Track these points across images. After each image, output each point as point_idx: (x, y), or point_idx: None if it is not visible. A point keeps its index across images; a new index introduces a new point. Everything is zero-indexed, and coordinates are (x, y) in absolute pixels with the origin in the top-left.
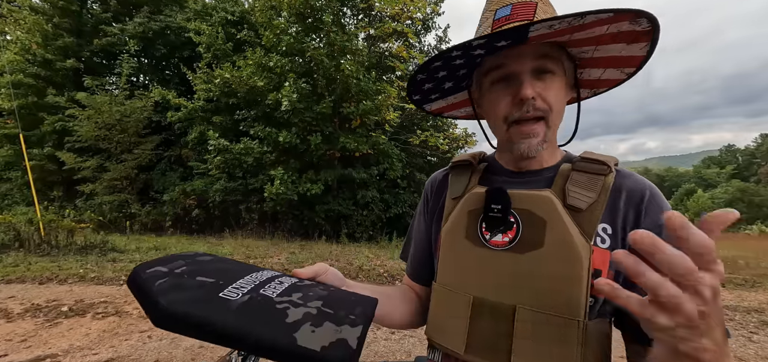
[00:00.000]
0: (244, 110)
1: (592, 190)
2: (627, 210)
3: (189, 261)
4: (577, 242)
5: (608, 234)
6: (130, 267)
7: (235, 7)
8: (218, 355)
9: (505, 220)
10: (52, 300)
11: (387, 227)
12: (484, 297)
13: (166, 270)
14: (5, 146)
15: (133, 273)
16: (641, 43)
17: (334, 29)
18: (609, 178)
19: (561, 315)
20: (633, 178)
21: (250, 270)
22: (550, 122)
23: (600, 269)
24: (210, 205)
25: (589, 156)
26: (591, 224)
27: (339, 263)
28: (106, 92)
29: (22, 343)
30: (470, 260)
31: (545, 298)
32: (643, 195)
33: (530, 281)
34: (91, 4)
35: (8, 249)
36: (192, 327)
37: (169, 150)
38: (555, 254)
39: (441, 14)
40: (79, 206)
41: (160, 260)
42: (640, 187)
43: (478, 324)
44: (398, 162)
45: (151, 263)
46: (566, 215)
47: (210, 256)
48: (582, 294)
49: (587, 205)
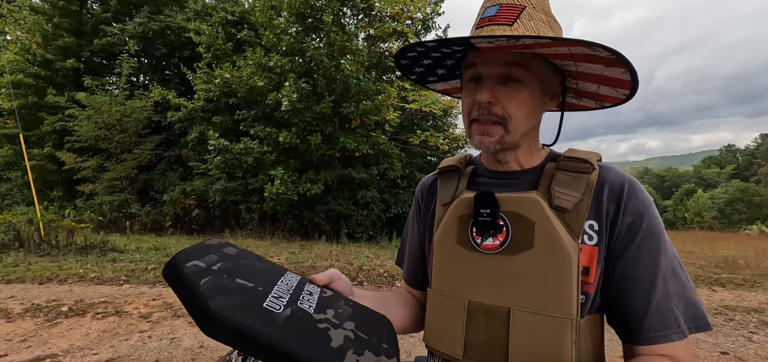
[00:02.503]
0: (244, 110)
1: (577, 189)
2: (609, 204)
3: (220, 255)
4: (566, 242)
5: (595, 230)
6: (130, 267)
7: (235, 7)
8: (218, 355)
9: (494, 224)
10: (52, 300)
11: (387, 227)
12: (479, 301)
13: (204, 266)
14: (5, 146)
15: (174, 265)
16: (620, 68)
17: (334, 29)
18: (592, 176)
19: (554, 314)
20: (613, 172)
21: (277, 272)
22: (510, 128)
23: (588, 266)
24: (210, 205)
25: (572, 155)
26: (578, 222)
27: (339, 263)
28: (106, 91)
29: (22, 343)
30: (463, 265)
31: (538, 298)
32: (623, 188)
33: (522, 282)
34: (91, 4)
35: (8, 249)
36: (240, 337)
37: (169, 150)
38: (545, 254)
39: (441, 14)
40: (79, 206)
41: (194, 251)
42: (620, 180)
43: (475, 328)
44: (398, 162)
45: (187, 254)
46: (553, 215)
47: (233, 247)
48: (573, 292)
49: (572, 204)
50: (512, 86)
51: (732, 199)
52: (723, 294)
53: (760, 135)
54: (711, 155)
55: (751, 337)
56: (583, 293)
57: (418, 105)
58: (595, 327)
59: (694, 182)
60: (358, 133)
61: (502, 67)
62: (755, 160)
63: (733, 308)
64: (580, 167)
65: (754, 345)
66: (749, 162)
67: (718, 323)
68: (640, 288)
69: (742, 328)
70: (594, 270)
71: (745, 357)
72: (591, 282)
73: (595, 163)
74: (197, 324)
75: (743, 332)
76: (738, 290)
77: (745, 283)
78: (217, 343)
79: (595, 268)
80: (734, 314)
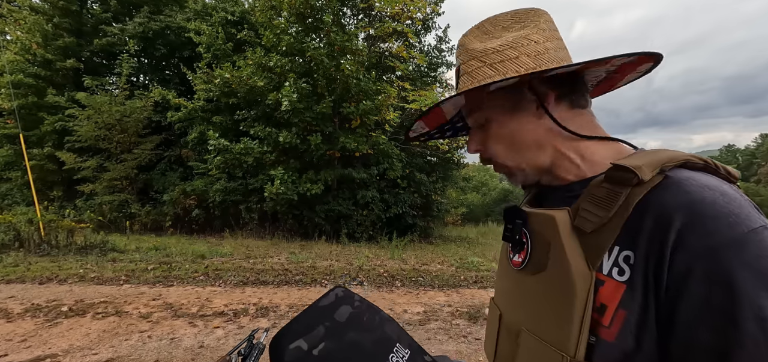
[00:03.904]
0: (244, 110)
1: (606, 208)
2: (652, 236)
3: (328, 326)
4: (575, 270)
5: (629, 264)
6: (130, 267)
7: (235, 7)
8: (218, 355)
9: (516, 239)
10: (52, 300)
11: (387, 227)
12: (505, 315)
13: (306, 348)
14: (5, 146)
15: (277, 343)
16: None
17: (334, 29)
18: (636, 190)
19: (552, 346)
20: (673, 190)
21: (387, 348)
22: (502, 166)
23: (606, 304)
24: (210, 205)
25: (621, 162)
26: (598, 249)
27: (339, 263)
28: (106, 91)
29: (22, 343)
30: (501, 278)
31: (542, 324)
32: (673, 217)
33: (533, 304)
34: (91, 4)
35: (8, 249)
36: None
37: (169, 150)
38: (554, 279)
39: (441, 14)
40: (79, 206)
41: (301, 323)
42: (675, 203)
43: (501, 339)
44: (398, 162)
45: (292, 332)
46: (571, 237)
47: (347, 305)
48: (574, 327)
49: (593, 227)
50: (489, 127)
51: None
52: None
53: (760, 135)
54: (711, 155)
55: None
56: (594, 334)
57: (418, 105)
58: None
59: None
60: (358, 133)
61: (471, 116)
62: (755, 160)
63: None
64: (623, 179)
65: None
66: (749, 162)
67: None
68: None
69: None
70: (612, 311)
71: None
72: (606, 324)
73: (651, 172)
74: None
75: None
76: None
77: None
78: (217, 343)
79: (615, 310)
80: None
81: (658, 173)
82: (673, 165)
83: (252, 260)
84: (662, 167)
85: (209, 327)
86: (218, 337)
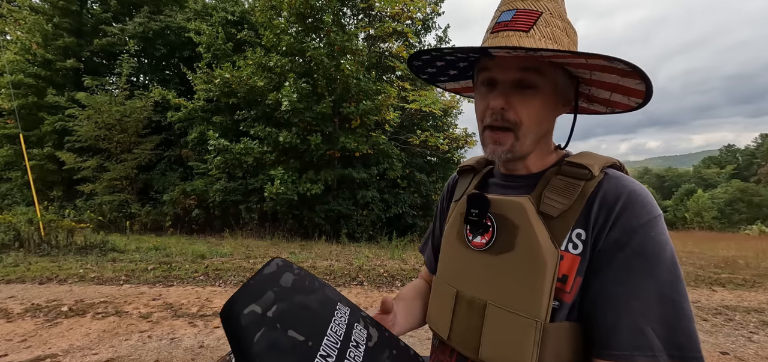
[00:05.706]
0: (244, 110)
1: (568, 196)
2: (599, 215)
3: (277, 291)
4: (544, 248)
5: (581, 240)
6: (130, 267)
7: (235, 7)
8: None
9: (482, 223)
10: (52, 299)
11: (387, 227)
12: (464, 292)
13: (260, 312)
14: (5, 146)
15: (230, 310)
16: (635, 79)
17: (334, 29)
18: (590, 183)
19: (522, 314)
20: (615, 181)
21: (329, 309)
22: (520, 135)
23: (567, 274)
24: (210, 205)
25: (576, 160)
26: (562, 230)
27: (339, 263)
28: (106, 91)
29: (22, 343)
30: (457, 259)
31: (511, 297)
32: (617, 200)
33: (500, 280)
34: (91, 4)
35: (8, 249)
36: None
37: (169, 150)
38: (523, 258)
39: (441, 14)
40: (79, 206)
41: (253, 289)
42: (617, 191)
43: (458, 314)
44: (398, 162)
45: (245, 296)
46: (538, 221)
47: (290, 273)
48: (544, 296)
49: (559, 212)
50: (526, 92)
51: (732, 199)
52: (723, 293)
53: (760, 135)
54: (711, 155)
55: (751, 337)
56: (557, 299)
57: (418, 105)
58: (569, 335)
59: (694, 182)
60: (358, 133)
61: (517, 72)
62: (755, 160)
63: (733, 308)
64: (578, 174)
65: (754, 345)
66: (749, 162)
67: (718, 323)
68: (612, 307)
69: (742, 328)
70: (572, 279)
71: (745, 357)
72: (567, 290)
73: (598, 170)
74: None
75: (743, 332)
76: (738, 290)
77: (745, 283)
78: (217, 343)
79: (574, 278)
80: (734, 314)
81: (601, 170)
82: (609, 165)
83: (252, 260)
84: (603, 167)
85: (209, 327)
86: (218, 337)
